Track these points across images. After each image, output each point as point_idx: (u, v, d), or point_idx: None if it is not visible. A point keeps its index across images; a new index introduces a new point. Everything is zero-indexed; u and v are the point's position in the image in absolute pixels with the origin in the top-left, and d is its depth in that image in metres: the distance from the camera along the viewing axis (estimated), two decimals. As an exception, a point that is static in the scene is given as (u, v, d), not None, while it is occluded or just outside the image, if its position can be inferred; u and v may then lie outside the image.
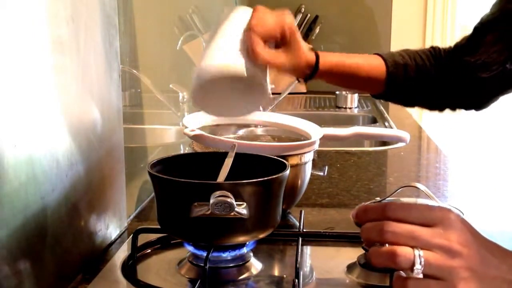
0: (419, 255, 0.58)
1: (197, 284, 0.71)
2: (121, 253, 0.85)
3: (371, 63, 1.09)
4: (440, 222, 0.60)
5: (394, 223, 0.60)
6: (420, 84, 1.10)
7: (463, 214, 0.82)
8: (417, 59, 1.10)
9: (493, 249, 0.62)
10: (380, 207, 0.61)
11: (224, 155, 0.82)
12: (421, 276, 0.58)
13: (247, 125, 1.23)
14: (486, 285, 0.59)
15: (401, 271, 0.60)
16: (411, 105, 1.19)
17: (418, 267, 0.58)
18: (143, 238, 0.84)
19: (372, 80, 1.09)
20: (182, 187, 0.73)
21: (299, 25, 2.95)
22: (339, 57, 1.06)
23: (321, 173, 1.37)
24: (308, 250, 0.88)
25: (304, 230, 0.87)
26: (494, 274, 0.60)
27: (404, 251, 0.58)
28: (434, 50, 1.13)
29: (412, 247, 0.58)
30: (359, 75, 1.07)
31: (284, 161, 0.81)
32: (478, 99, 1.13)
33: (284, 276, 0.80)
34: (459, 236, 0.60)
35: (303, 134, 1.08)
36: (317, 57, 1.01)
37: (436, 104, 1.16)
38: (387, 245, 0.60)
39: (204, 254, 0.74)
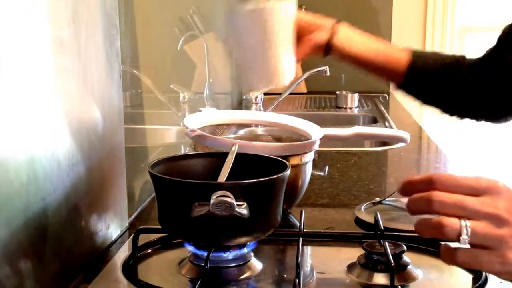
0: (466, 225, 0.58)
1: (198, 284, 0.71)
2: (122, 253, 0.85)
3: (394, 46, 1.11)
4: (488, 191, 0.60)
5: (442, 193, 0.59)
6: (442, 79, 1.10)
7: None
8: (443, 56, 1.11)
9: None
10: (427, 179, 0.61)
11: (225, 155, 0.82)
12: (468, 246, 0.58)
13: (247, 125, 1.23)
14: None
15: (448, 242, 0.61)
16: (431, 102, 1.16)
17: (464, 237, 0.58)
18: (143, 238, 0.84)
19: (394, 61, 1.08)
20: (182, 187, 0.73)
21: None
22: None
23: (322, 173, 1.38)
24: (308, 250, 0.88)
25: (305, 230, 0.88)
26: None
27: (450, 222, 0.58)
28: (461, 58, 1.13)
29: (460, 216, 0.59)
30: (382, 51, 1.08)
31: (285, 161, 0.81)
32: (499, 107, 1.12)
33: (285, 276, 0.80)
34: (508, 204, 0.59)
35: (303, 134, 1.08)
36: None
37: (456, 107, 1.14)
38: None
39: (205, 254, 0.74)
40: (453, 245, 0.61)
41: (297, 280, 0.70)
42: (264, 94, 2.14)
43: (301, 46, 1.04)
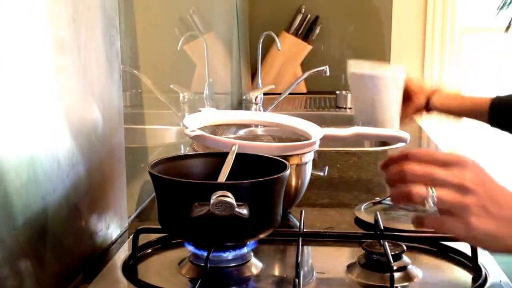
0: (433, 193, 0.63)
1: (198, 284, 0.71)
2: (122, 253, 0.85)
3: (479, 96, 1.34)
4: (457, 164, 0.65)
5: (414, 165, 0.66)
6: None
7: None
8: None
9: (508, 193, 0.66)
10: (403, 153, 0.68)
11: (225, 155, 0.82)
12: (435, 212, 0.64)
13: (247, 125, 1.23)
14: (500, 224, 0.64)
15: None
16: None
17: (430, 204, 0.63)
18: (143, 238, 0.84)
19: (479, 106, 1.31)
20: (182, 187, 0.73)
21: (299, 26, 2.95)
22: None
23: (321, 173, 1.38)
24: (308, 250, 0.88)
25: (305, 230, 0.88)
26: (510, 214, 0.64)
27: (418, 189, 0.64)
28: None
29: (430, 185, 0.64)
30: (471, 102, 1.34)
31: (285, 161, 0.81)
32: None
33: (285, 275, 0.80)
34: (474, 176, 0.65)
35: (303, 134, 1.08)
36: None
37: None
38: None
39: (205, 254, 0.74)
40: None
41: (297, 280, 0.71)
42: (264, 94, 2.14)
43: (405, 108, 1.30)
